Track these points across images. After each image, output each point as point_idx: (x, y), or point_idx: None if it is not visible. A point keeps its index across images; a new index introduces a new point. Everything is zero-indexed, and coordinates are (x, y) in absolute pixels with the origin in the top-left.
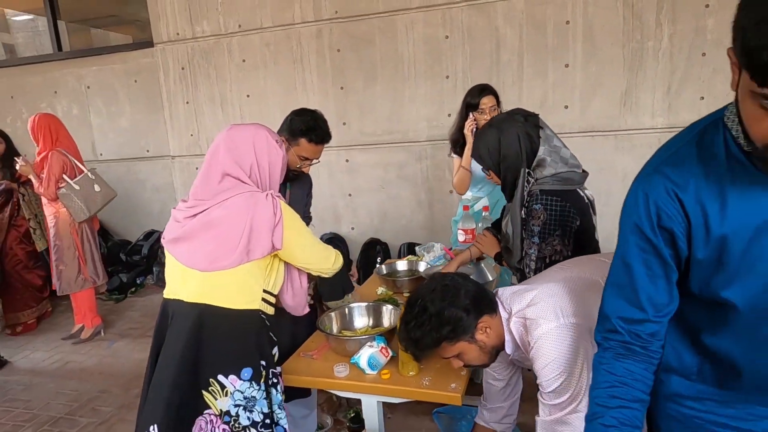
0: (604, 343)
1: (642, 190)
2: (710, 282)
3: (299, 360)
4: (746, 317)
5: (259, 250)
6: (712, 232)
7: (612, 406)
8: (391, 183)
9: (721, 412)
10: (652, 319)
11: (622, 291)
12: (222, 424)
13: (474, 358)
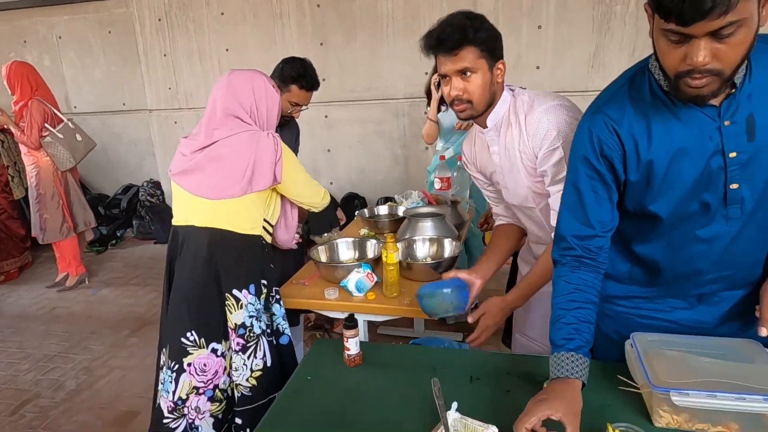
0: (561, 260)
1: (587, 127)
2: (641, 199)
3: (292, 286)
4: (666, 225)
5: (261, 182)
6: (641, 158)
7: (571, 308)
8: (369, 139)
9: (646, 307)
10: (599, 234)
11: (575, 213)
12: (237, 338)
13: (478, 87)
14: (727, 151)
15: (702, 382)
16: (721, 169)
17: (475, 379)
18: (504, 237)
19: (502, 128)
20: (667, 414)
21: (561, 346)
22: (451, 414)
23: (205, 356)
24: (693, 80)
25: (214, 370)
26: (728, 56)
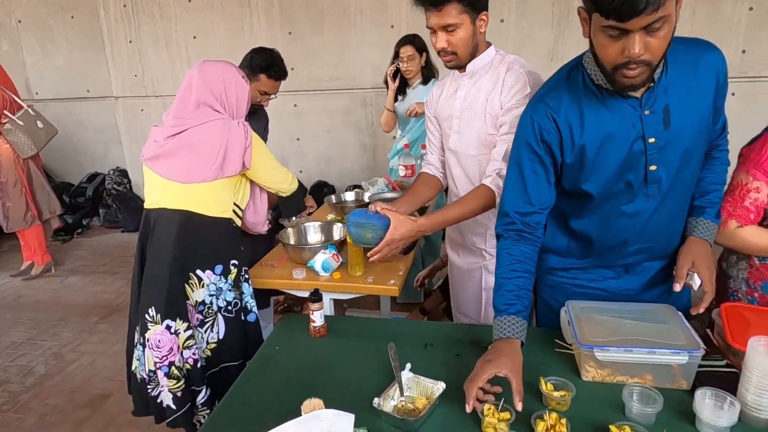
0: (504, 234)
1: (530, 114)
2: (575, 179)
3: (262, 268)
4: (597, 202)
5: (231, 168)
6: (575, 143)
7: (512, 277)
8: (337, 128)
9: (581, 277)
10: (537, 211)
11: (518, 192)
12: (196, 313)
13: (462, 40)
14: (647, 136)
15: (621, 340)
16: (642, 153)
17: (429, 346)
18: (424, 185)
19: (477, 76)
20: (593, 369)
21: (503, 310)
22: (405, 374)
23: (160, 332)
24: (629, 71)
25: (169, 347)
26: (657, 48)
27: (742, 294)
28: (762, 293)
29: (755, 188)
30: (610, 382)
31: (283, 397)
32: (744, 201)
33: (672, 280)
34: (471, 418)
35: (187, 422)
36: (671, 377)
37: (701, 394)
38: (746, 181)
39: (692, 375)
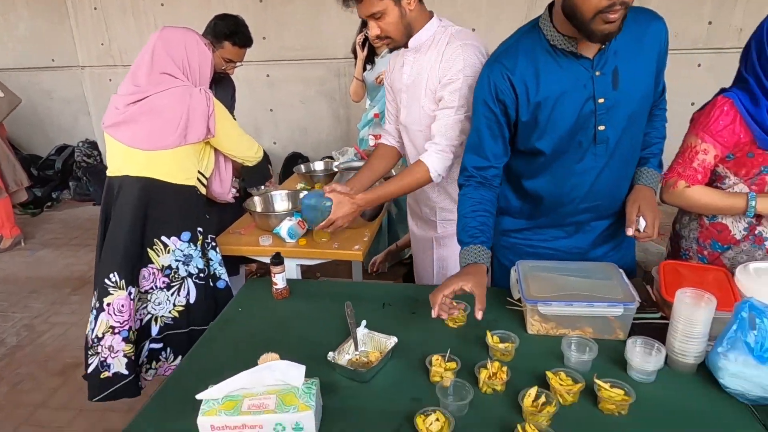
0: (465, 183)
1: (486, 75)
2: (529, 137)
3: (230, 235)
4: (549, 160)
5: (195, 135)
6: (530, 101)
7: (475, 216)
8: (311, 98)
9: (534, 238)
10: (494, 165)
11: (475, 149)
12: (162, 277)
13: (391, 24)
14: (597, 97)
15: (564, 295)
16: (592, 113)
17: (387, 305)
18: (380, 158)
19: (421, 51)
20: (537, 323)
21: (468, 242)
22: (360, 330)
23: (123, 297)
24: (611, 14)
25: (130, 312)
26: None
27: (693, 253)
28: (711, 251)
29: (703, 150)
30: (553, 335)
31: (242, 353)
32: (692, 162)
33: (618, 238)
34: (420, 369)
35: (132, 389)
36: (609, 329)
37: (632, 342)
38: (695, 143)
39: (628, 326)
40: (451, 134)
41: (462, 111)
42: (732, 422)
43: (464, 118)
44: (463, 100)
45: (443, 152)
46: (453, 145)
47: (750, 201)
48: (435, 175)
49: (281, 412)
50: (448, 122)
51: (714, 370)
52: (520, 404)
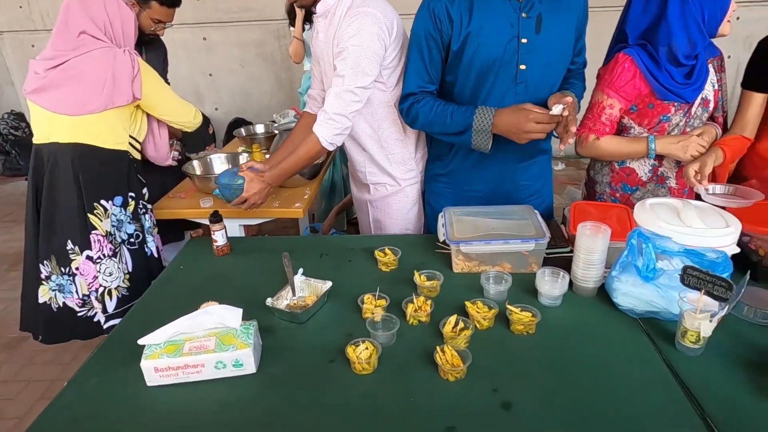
0: (417, 100)
1: (430, 6)
2: (457, 67)
3: (170, 200)
4: (472, 98)
5: (121, 98)
6: (462, 31)
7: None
8: (250, 62)
9: (460, 181)
10: (433, 83)
11: (418, 73)
12: (108, 243)
13: None
14: (521, 37)
15: (483, 234)
16: (515, 52)
17: (324, 255)
18: (302, 130)
19: (329, 17)
20: (461, 262)
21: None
22: (297, 277)
23: (83, 262)
24: None
25: (93, 275)
26: None
27: (606, 196)
28: (622, 193)
29: (609, 105)
30: (476, 272)
31: (183, 305)
32: (601, 117)
33: (538, 184)
34: (353, 308)
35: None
36: (525, 263)
37: (541, 272)
38: (601, 99)
39: (541, 260)
40: (338, 103)
41: (349, 80)
42: (623, 333)
43: (354, 89)
44: (350, 69)
45: (332, 120)
46: (341, 113)
47: (650, 144)
48: (326, 144)
49: (221, 351)
50: (336, 91)
51: (609, 292)
52: (441, 331)
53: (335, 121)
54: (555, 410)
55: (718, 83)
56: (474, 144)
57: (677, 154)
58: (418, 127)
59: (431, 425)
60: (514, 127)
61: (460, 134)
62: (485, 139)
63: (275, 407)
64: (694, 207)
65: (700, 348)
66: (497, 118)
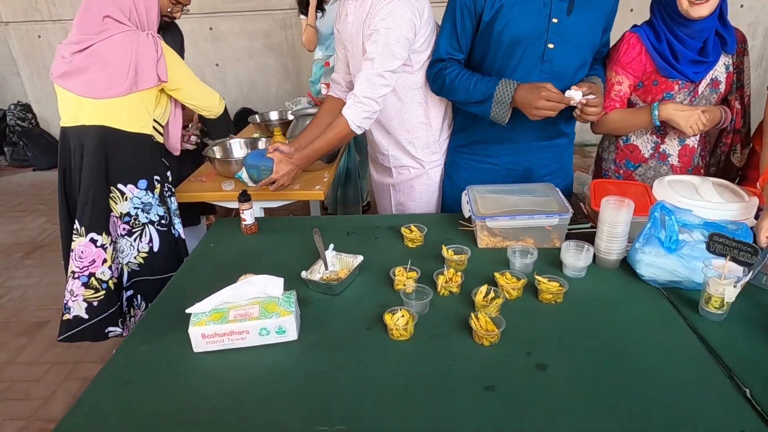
0: (444, 67)
1: None
2: (488, 39)
3: (192, 183)
4: (499, 73)
5: (146, 81)
6: (496, 3)
7: (471, 75)
8: (257, 52)
9: (481, 153)
10: (462, 52)
11: (451, 41)
12: (122, 224)
13: None
14: (552, 16)
15: (508, 211)
16: (545, 31)
17: (351, 233)
18: (327, 112)
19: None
20: (486, 237)
21: (495, 82)
22: (329, 252)
23: (84, 244)
24: None
25: (91, 259)
26: None
27: (611, 173)
28: (625, 169)
29: (618, 81)
30: (501, 247)
31: (221, 277)
32: (610, 93)
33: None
34: (385, 281)
35: (94, 333)
36: (548, 238)
37: (566, 245)
38: (611, 77)
39: (563, 235)
40: (368, 86)
41: (379, 64)
42: (647, 302)
43: (383, 72)
44: (380, 52)
45: (361, 104)
46: (371, 97)
47: (653, 111)
48: (354, 127)
49: (264, 318)
50: (366, 74)
51: (632, 263)
52: (473, 300)
53: (364, 104)
54: (588, 372)
55: (733, 66)
56: (492, 115)
57: (679, 122)
58: (443, 93)
59: (470, 386)
60: (527, 101)
61: (480, 103)
62: (503, 111)
63: (318, 370)
64: (711, 183)
65: (724, 313)
66: (518, 92)
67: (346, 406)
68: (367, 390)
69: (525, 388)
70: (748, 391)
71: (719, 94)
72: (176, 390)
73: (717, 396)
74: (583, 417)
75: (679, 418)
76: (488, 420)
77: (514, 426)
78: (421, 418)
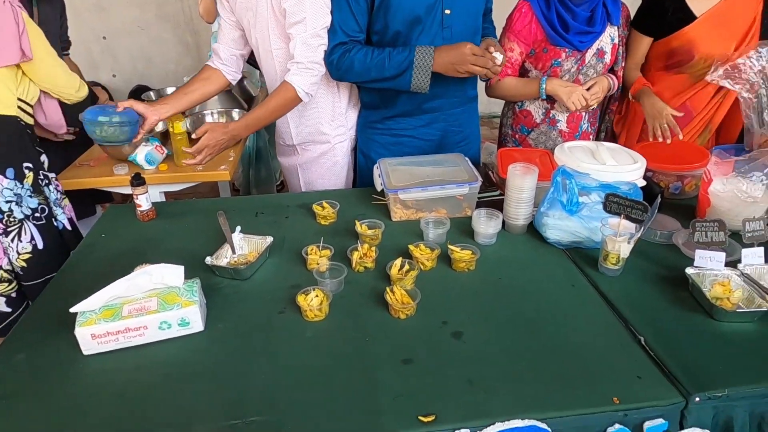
0: (348, 48)
1: None
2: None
3: (77, 169)
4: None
5: (6, 56)
6: None
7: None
8: (150, 23)
9: (395, 127)
10: (362, 31)
11: (346, 21)
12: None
13: None
14: None
15: (420, 182)
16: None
17: (260, 214)
18: (202, 80)
19: None
20: (399, 210)
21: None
22: (235, 235)
23: None
24: None
25: None
26: None
27: (509, 137)
28: (521, 134)
29: (509, 48)
30: (414, 219)
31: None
32: None
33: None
34: (297, 261)
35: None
36: (459, 207)
37: (477, 213)
38: (504, 43)
39: (474, 204)
40: (308, 51)
41: (311, 23)
42: (553, 263)
43: (318, 31)
44: (309, 11)
45: (308, 70)
46: (315, 61)
47: (541, 84)
48: (302, 94)
49: (164, 310)
50: (303, 38)
51: (538, 227)
52: (388, 274)
53: (311, 69)
54: (501, 334)
55: (619, 38)
56: (413, 84)
57: (562, 97)
58: (353, 77)
59: (388, 359)
60: (456, 58)
61: (398, 76)
62: (425, 78)
63: (228, 359)
64: (606, 148)
65: (620, 269)
66: (437, 54)
67: (260, 396)
68: (282, 376)
69: (442, 357)
70: (643, 339)
71: (605, 64)
72: (64, 400)
73: (617, 345)
74: (497, 378)
75: (585, 368)
76: (408, 393)
77: (433, 395)
78: (340, 398)
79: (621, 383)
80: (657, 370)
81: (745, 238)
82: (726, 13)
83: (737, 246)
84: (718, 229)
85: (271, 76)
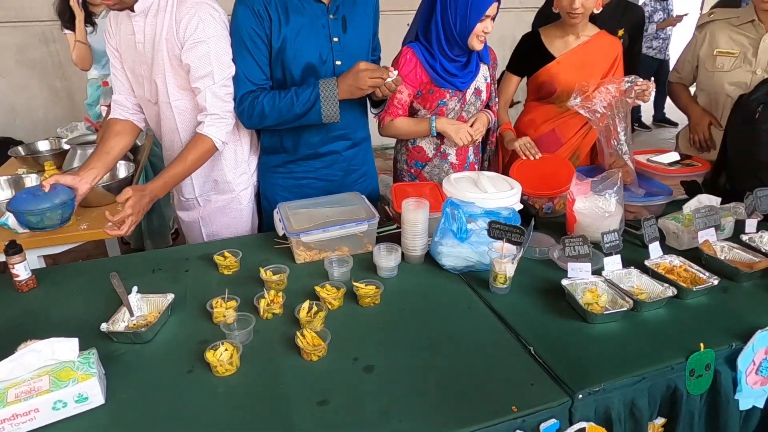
0: (250, 97)
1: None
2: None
3: None
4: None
5: None
6: (281, 30)
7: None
8: (11, 71)
9: (297, 171)
10: (268, 79)
11: (251, 70)
12: None
13: None
14: (332, 36)
15: (320, 223)
16: (330, 50)
17: (157, 270)
18: (116, 135)
19: (150, 15)
20: (303, 252)
21: (315, 83)
22: (132, 296)
23: None
24: None
25: None
26: None
27: (404, 172)
28: (416, 168)
29: (399, 91)
30: (318, 260)
31: None
32: (393, 101)
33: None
34: (203, 316)
35: None
36: (361, 244)
37: (377, 248)
38: None
39: (374, 239)
40: (219, 102)
41: (218, 75)
42: (451, 288)
43: (225, 82)
44: (216, 63)
45: (222, 120)
46: (228, 110)
47: (432, 122)
48: (219, 144)
49: (58, 389)
50: (212, 90)
51: (434, 256)
52: (297, 318)
53: (225, 119)
54: (408, 361)
55: (491, 78)
56: (324, 115)
57: (450, 134)
58: (266, 121)
59: (305, 403)
60: (354, 80)
61: (308, 111)
62: (334, 107)
63: (133, 431)
64: (486, 177)
65: (508, 287)
66: (340, 82)
67: None
68: None
69: (355, 393)
70: (532, 349)
71: (482, 101)
72: None
73: (511, 356)
74: (408, 405)
75: (484, 380)
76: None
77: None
78: None
79: (517, 392)
80: (546, 375)
81: (604, 248)
82: (582, 56)
83: (600, 256)
84: (582, 243)
85: (169, 127)
